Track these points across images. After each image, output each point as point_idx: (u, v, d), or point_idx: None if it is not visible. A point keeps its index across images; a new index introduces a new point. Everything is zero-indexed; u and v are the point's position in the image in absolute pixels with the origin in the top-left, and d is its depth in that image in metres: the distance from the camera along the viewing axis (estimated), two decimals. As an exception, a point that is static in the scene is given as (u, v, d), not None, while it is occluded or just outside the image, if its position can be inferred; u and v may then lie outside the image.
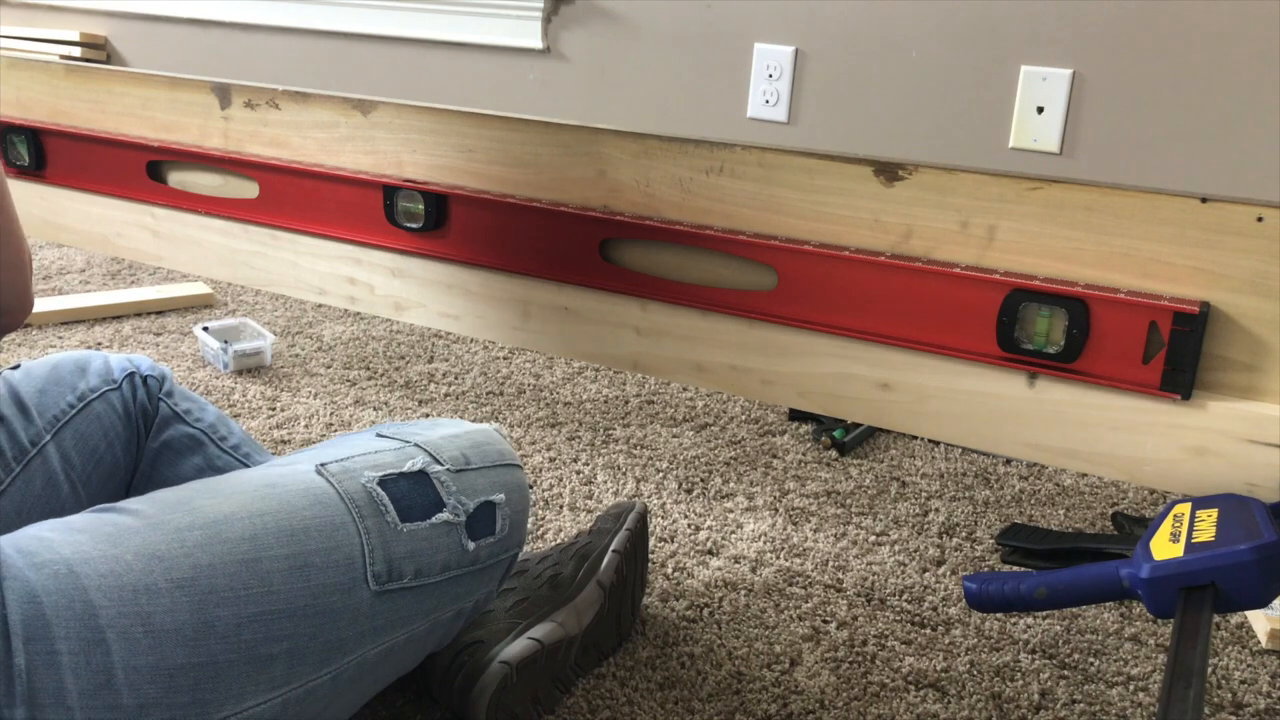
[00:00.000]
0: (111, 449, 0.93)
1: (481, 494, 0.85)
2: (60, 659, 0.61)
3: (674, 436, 1.57)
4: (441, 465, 0.84)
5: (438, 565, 0.81)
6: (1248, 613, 1.19)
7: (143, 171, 2.20)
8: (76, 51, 2.33)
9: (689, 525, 1.32)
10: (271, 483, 0.77)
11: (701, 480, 1.44)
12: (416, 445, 0.85)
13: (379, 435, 0.88)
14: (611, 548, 1.07)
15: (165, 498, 0.74)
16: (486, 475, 0.87)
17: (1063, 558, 1.27)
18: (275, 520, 0.73)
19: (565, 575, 1.03)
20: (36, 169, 2.32)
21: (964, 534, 1.34)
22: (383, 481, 0.80)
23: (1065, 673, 1.08)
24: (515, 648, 0.92)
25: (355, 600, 0.75)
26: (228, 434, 1.00)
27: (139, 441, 0.96)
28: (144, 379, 0.97)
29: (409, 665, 0.84)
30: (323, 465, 0.80)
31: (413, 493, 0.81)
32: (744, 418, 1.65)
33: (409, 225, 1.94)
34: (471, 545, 0.84)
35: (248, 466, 0.99)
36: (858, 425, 1.62)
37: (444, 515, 0.82)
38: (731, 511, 1.36)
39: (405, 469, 0.82)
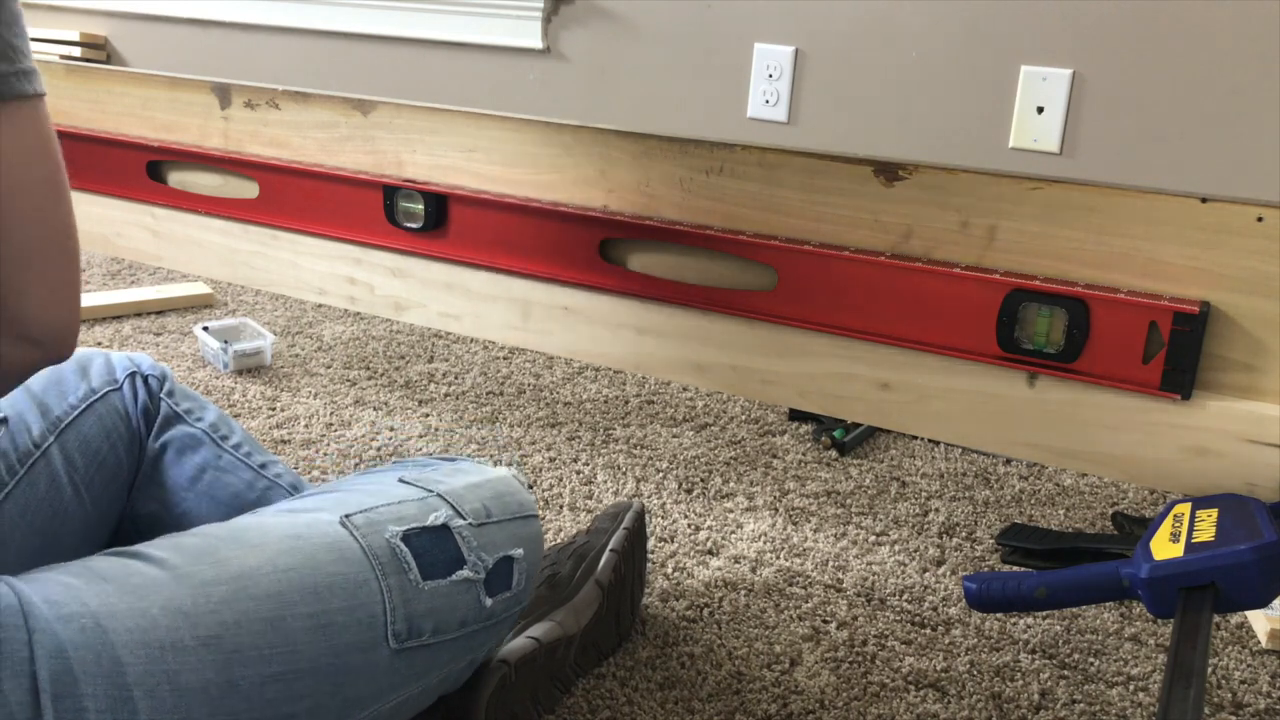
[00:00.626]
0: (114, 450, 0.93)
1: (501, 549, 0.84)
2: (87, 716, 0.61)
3: (674, 436, 1.57)
4: (464, 519, 0.83)
5: (456, 622, 0.81)
6: (1248, 613, 1.19)
7: (143, 171, 2.20)
8: (76, 51, 2.33)
9: (689, 525, 1.32)
10: (297, 534, 0.76)
11: (701, 480, 1.44)
12: (439, 496, 0.84)
13: (401, 480, 0.86)
14: (609, 547, 1.06)
15: (189, 545, 0.73)
16: (506, 529, 0.86)
17: (1063, 558, 1.27)
18: (300, 576, 0.73)
19: (563, 575, 1.03)
20: (36, 169, 2.32)
21: (964, 534, 1.34)
22: (406, 536, 0.79)
23: (1065, 673, 1.08)
24: (514, 646, 0.92)
25: (375, 658, 0.75)
26: (229, 433, 1.00)
27: (140, 442, 0.96)
28: (145, 379, 0.97)
29: (420, 709, 0.84)
30: (347, 517, 0.79)
31: (434, 548, 0.80)
32: (744, 418, 1.65)
33: (409, 225, 1.94)
34: (489, 602, 0.83)
35: (249, 466, 0.99)
36: (858, 425, 1.62)
37: (464, 572, 0.81)
38: (731, 511, 1.36)
39: (428, 523, 0.81)
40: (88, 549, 0.87)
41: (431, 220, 1.91)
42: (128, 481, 0.95)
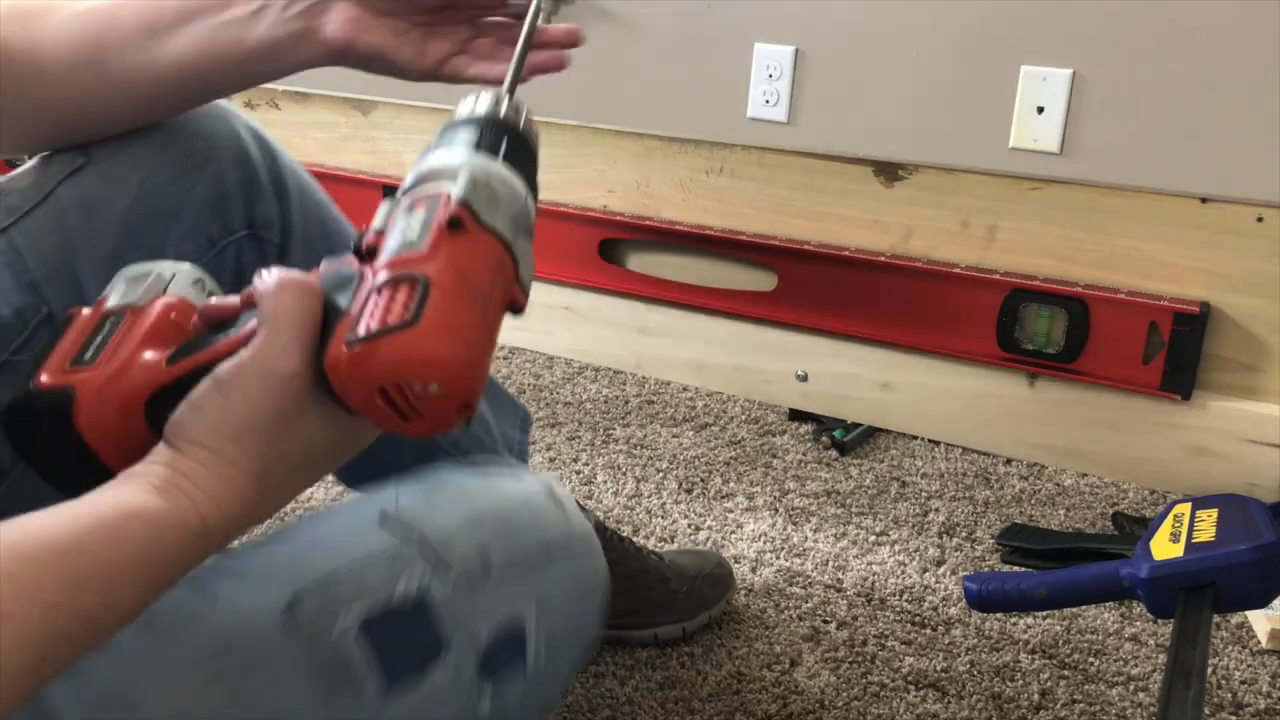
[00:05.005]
0: None
1: (500, 614, 0.59)
2: None
3: (674, 436, 1.57)
4: (446, 583, 0.57)
5: None
6: (1248, 613, 1.19)
7: (143, 171, 2.20)
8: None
9: (689, 525, 1.32)
10: (226, 645, 0.54)
11: (701, 480, 1.44)
12: (418, 544, 0.59)
13: (383, 517, 0.60)
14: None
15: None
16: (514, 583, 0.60)
17: (1063, 558, 1.27)
18: (227, 694, 0.53)
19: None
20: (36, 169, 2.32)
21: (964, 534, 1.34)
22: (367, 625, 0.55)
23: (1065, 673, 1.08)
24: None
25: None
26: None
27: None
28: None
29: None
30: (290, 609, 0.55)
31: (406, 632, 0.57)
32: (744, 418, 1.65)
33: (409, 225, 1.93)
34: (488, 706, 0.58)
35: None
36: (858, 425, 1.62)
37: (443, 667, 0.57)
38: (731, 511, 1.36)
39: (396, 600, 0.56)
40: None
41: (431, 220, 1.91)
42: None
